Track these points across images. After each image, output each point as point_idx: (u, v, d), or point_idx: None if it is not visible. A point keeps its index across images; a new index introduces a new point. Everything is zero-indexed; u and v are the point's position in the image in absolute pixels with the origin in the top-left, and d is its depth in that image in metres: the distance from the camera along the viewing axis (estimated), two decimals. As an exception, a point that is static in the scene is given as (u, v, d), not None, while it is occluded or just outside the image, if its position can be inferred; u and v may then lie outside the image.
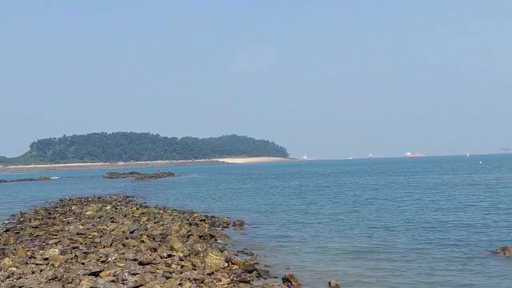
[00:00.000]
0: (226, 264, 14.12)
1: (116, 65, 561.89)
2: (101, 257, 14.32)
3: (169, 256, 14.64)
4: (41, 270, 12.82)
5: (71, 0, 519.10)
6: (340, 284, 12.38)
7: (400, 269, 13.82)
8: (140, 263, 13.43)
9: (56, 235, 19.90)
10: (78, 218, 26.53)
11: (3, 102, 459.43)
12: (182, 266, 13.61)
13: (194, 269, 13.38)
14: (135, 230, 20.04)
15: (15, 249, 16.05)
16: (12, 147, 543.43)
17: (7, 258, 14.33)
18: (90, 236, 19.04)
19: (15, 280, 11.74)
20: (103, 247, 16.32)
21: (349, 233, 20.21)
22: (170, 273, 12.71)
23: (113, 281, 11.52)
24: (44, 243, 17.49)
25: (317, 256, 15.91)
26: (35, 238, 19.42)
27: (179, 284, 11.50)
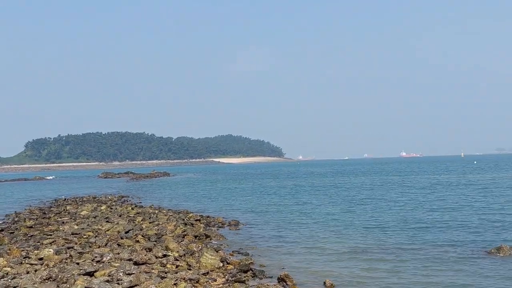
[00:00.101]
0: (221, 264, 14.13)
1: (112, 65, 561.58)
2: (96, 257, 14.30)
3: (164, 256, 14.63)
4: (35, 270, 12.78)
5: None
6: (335, 284, 12.40)
7: (395, 269, 13.86)
8: (135, 263, 13.42)
9: (50, 235, 19.84)
10: (73, 218, 26.47)
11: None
12: (177, 266, 13.61)
13: (189, 269, 13.38)
14: (130, 230, 20.01)
15: (9, 249, 15.98)
16: (7, 147, 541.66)
17: (2, 258, 14.29)
18: (85, 236, 18.99)
19: (9, 280, 11.69)
20: (98, 247, 16.29)
21: (344, 233, 20.25)
22: (165, 273, 12.71)
23: (108, 281, 11.49)
24: (38, 243, 17.42)
25: (312, 256, 15.94)
26: (29, 238, 19.35)
27: (174, 284, 11.49)
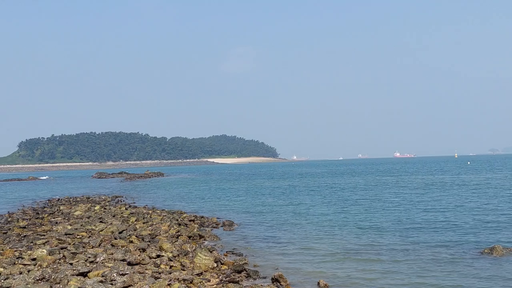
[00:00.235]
0: (215, 265, 14.14)
1: (105, 66, 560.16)
2: (89, 257, 14.26)
3: (158, 256, 14.61)
4: (28, 271, 12.73)
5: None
6: (329, 285, 12.42)
7: (389, 270, 13.90)
8: (129, 264, 13.40)
9: (44, 235, 19.77)
10: (67, 218, 26.39)
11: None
12: (171, 267, 13.60)
13: (183, 270, 13.38)
14: (124, 230, 19.97)
15: (2, 250, 15.93)
16: (0, 147, 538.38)
17: (-6, 258, 14.22)
18: (78, 237, 18.93)
19: (2, 281, 11.63)
20: (92, 248, 16.24)
21: (338, 233, 20.29)
22: (159, 273, 12.69)
23: (101, 281, 11.46)
24: (32, 244, 17.35)
25: (306, 257, 15.96)
26: (22, 238, 19.26)
27: (168, 284, 11.48)
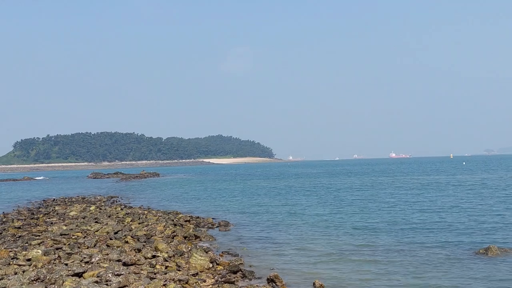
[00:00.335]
0: (210, 265, 14.14)
1: (101, 66, 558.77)
2: (84, 258, 14.22)
3: (154, 257, 14.60)
4: (23, 271, 12.69)
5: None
6: (325, 285, 12.43)
7: (384, 271, 13.92)
8: (124, 264, 13.38)
9: (39, 235, 19.69)
10: (62, 218, 26.31)
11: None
12: (166, 267, 13.59)
13: (179, 270, 13.37)
14: (120, 230, 19.93)
15: (-3, 250, 15.85)
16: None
17: (-11, 259, 14.17)
18: (73, 237, 18.88)
19: (-4, 282, 11.61)
20: (87, 248, 16.20)
21: (333, 234, 20.31)
22: (155, 273, 12.68)
23: (96, 282, 11.44)
24: (27, 244, 17.29)
25: (302, 257, 15.97)
26: (17, 238, 19.20)
27: (164, 285, 11.47)
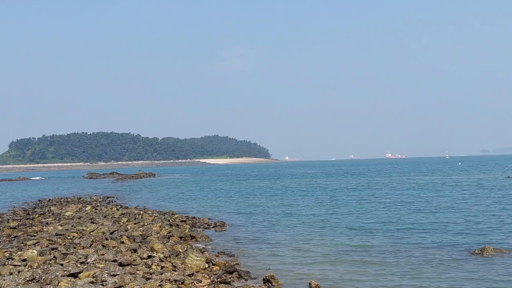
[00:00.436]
0: (206, 265, 14.14)
1: (97, 65, 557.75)
2: (80, 258, 14.20)
3: (149, 257, 14.58)
4: (19, 272, 12.65)
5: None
6: (321, 286, 12.44)
7: (380, 271, 13.95)
8: (120, 264, 13.36)
9: (34, 236, 19.65)
10: (57, 219, 26.26)
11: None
12: (162, 267, 13.58)
13: (175, 270, 13.36)
14: (115, 231, 19.90)
15: (-8, 250, 15.81)
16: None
17: (-16, 259, 14.12)
18: (69, 237, 18.85)
19: (-8, 282, 11.58)
20: (83, 248, 16.17)
21: (330, 234, 20.34)
22: (150, 274, 12.67)
23: (92, 282, 11.42)
24: (22, 244, 17.23)
25: (298, 258, 15.98)
26: (13, 239, 19.14)
27: (159, 285, 11.46)
